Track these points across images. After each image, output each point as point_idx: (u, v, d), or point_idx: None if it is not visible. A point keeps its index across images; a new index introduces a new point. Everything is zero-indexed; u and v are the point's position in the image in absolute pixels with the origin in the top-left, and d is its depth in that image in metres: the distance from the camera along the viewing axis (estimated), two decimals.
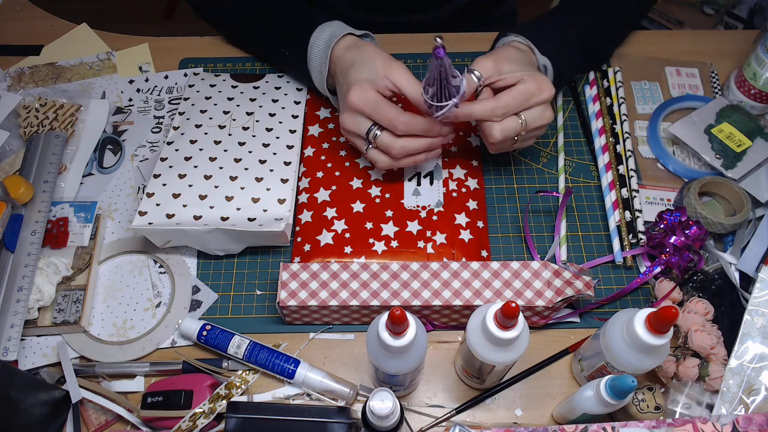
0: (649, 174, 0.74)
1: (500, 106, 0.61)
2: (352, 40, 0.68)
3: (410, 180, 0.71)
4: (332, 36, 0.67)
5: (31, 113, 0.77)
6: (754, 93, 0.76)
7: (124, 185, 0.75)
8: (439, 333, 0.65)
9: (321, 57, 0.68)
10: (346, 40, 0.67)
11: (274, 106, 0.76)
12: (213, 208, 0.66)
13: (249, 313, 0.67)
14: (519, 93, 0.61)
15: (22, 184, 0.68)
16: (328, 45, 0.67)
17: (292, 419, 0.56)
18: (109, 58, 0.85)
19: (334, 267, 0.62)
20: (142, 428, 0.60)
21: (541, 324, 0.64)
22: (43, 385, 0.59)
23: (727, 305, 0.63)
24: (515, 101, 0.61)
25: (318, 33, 0.68)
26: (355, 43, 0.67)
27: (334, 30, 0.68)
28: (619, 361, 0.52)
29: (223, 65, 0.85)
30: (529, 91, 0.61)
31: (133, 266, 0.69)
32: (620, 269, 0.69)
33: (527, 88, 0.61)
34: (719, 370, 0.58)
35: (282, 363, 0.61)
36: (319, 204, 0.69)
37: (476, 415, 0.61)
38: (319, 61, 0.68)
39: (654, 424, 0.53)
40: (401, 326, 0.47)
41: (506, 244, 0.70)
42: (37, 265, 0.65)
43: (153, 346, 0.64)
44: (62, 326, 0.64)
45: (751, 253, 0.66)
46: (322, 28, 0.68)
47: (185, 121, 0.74)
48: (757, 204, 0.70)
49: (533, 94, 0.61)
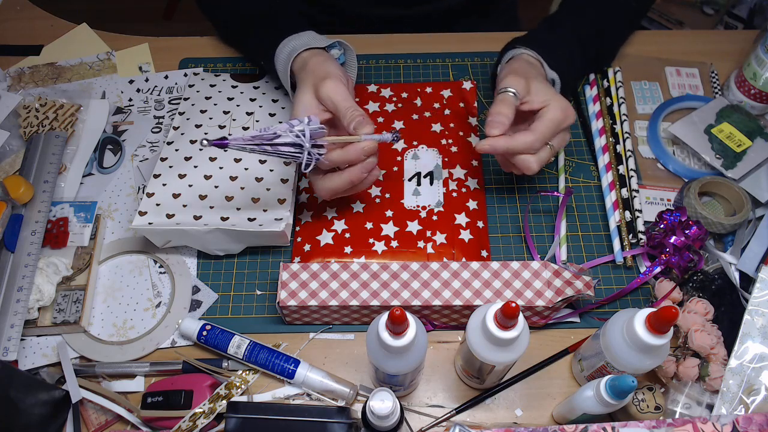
0: (649, 174, 0.74)
1: (538, 139, 0.61)
2: (304, 57, 0.66)
3: (410, 180, 0.71)
4: (291, 53, 0.67)
5: (31, 113, 0.77)
6: (754, 93, 0.76)
7: (124, 185, 0.75)
8: (439, 333, 0.65)
9: (284, 72, 0.68)
10: (300, 58, 0.66)
11: (274, 106, 0.76)
12: (213, 208, 0.66)
13: (249, 313, 0.67)
14: (551, 122, 0.62)
15: (22, 184, 0.68)
16: (288, 60, 0.67)
17: (292, 419, 0.56)
18: (109, 58, 0.85)
19: (334, 267, 0.62)
20: (142, 428, 0.60)
21: (541, 324, 0.64)
22: (43, 385, 0.59)
23: (727, 305, 0.63)
24: (549, 131, 0.62)
25: (281, 48, 0.68)
26: (305, 61, 0.66)
27: (294, 46, 0.67)
28: (619, 361, 0.52)
29: (223, 65, 0.85)
30: (558, 118, 0.62)
31: (133, 266, 0.69)
32: (620, 269, 0.69)
33: (556, 115, 0.62)
34: (719, 370, 0.58)
35: (282, 363, 0.61)
36: (319, 204, 0.69)
37: (476, 415, 0.61)
38: (283, 74, 0.68)
39: (654, 424, 0.53)
40: (401, 326, 0.47)
41: (506, 244, 0.70)
42: (37, 265, 0.65)
43: (153, 346, 0.64)
44: (62, 326, 0.64)
45: (751, 253, 0.66)
46: (285, 44, 0.68)
47: (185, 121, 0.74)
48: (757, 204, 0.70)
49: (561, 121, 0.62)
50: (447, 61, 0.85)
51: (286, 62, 0.67)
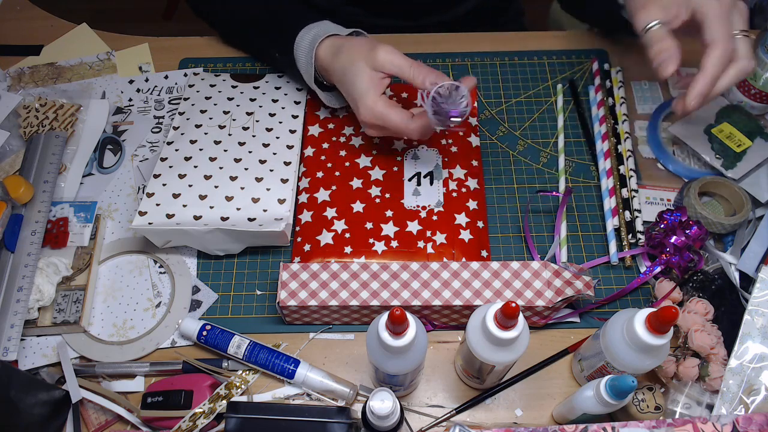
0: (649, 174, 0.74)
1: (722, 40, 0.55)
2: (334, 42, 0.67)
3: (410, 180, 0.71)
4: (315, 39, 0.67)
5: (31, 113, 0.77)
6: (754, 93, 0.76)
7: (124, 185, 0.75)
8: (439, 333, 0.65)
9: (306, 60, 0.68)
10: (326, 44, 0.67)
11: (274, 106, 0.76)
12: (213, 208, 0.66)
13: (249, 313, 0.67)
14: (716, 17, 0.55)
15: (22, 184, 0.68)
16: (311, 47, 0.67)
17: (292, 419, 0.56)
18: (109, 58, 0.85)
19: (334, 267, 0.62)
20: (142, 428, 0.60)
21: (541, 324, 0.64)
22: (43, 385, 0.59)
23: (727, 305, 0.63)
24: (722, 25, 0.55)
25: (302, 36, 0.68)
26: (337, 46, 0.66)
27: (317, 32, 0.68)
28: (619, 361, 0.52)
29: (223, 65, 0.85)
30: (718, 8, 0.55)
31: (133, 266, 0.69)
32: (620, 269, 0.69)
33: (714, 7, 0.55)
34: (719, 370, 0.58)
35: (282, 363, 0.61)
36: (319, 204, 0.69)
37: (476, 415, 0.61)
38: (305, 63, 0.69)
39: (654, 424, 0.53)
40: (401, 326, 0.47)
41: (506, 244, 0.70)
42: (37, 265, 0.65)
43: (153, 346, 0.64)
44: (62, 326, 0.64)
45: (751, 253, 0.66)
46: (306, 31, 0.68)
47: (185, 121, 0.74)
48: (757, 204, 0.70)
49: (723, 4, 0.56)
50: (447, 61, 0.85)
51: (309, 49, 0.67)
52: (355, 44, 0.65)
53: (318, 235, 0.67)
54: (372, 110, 0.64)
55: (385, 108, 0.63)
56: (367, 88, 0.63)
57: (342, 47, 0.66)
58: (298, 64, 0.69)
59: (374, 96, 0.63)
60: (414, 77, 0.62)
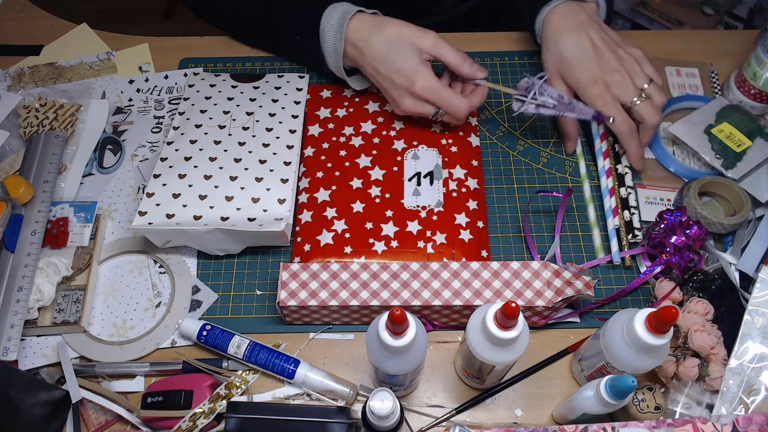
0: (649, 174, 0.74)
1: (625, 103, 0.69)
2: (369, 18, 0.68)
3: (410, 180, 0.71)
4: (344, 14, 0.68)
5: (31, 113, 0.77)
6: (754, 93, 0.76)
7: (124, 185, 0.75)
8: (439, 333, 0.65)
9: (335, 37, 0.68)
10: (359, 18, 0.68)
11: (274, 106, 0.76)
12: (213, 208, 0.66)
13: (249, 313, 0.67)
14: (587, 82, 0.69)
15: (22, 184, 0.68)
16: (341, 23, 0.67)
17: (292, 419, 0.56)
18: (109, 58, 0.85)
19: (334, 267, 0.62)
20: (142, 428, 0.60)
21: (541, 324, 0.64)
22: (43, 385, 0.59)
23: (727, 305, 0.63)
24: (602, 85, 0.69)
25: (329, 13, 0.69)
26: (377, 22, 0.67)
27: (346, 8, 0.68)
28: (619, 361, 0.52)
29: (223, 65, 0.85)
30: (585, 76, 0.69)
31: (133, 266, 0.69)
32: (620, 269, 0.69)
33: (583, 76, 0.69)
34: (719, 370, 0.58)
35: (282, 363, 0.61)
36: (319, 204, 0.69)
37: (476, 415, 0.61)
38: (333, 41, 0.69)
39: (654, 424, 0.53)
40: (401, 326, 0.47)
41: (506, 244, 0.70)
42: (37, 265, 0.65)
43: (153, 346, 0.64)
44: (62, 326, 0.64)
45: (751, 253, 0.66)
46: (333, 8, 0.69)
47: (185, 121, 0.74)
48: (757, 204, 0.70)
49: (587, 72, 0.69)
50: None
51: (339, 25, 0.68)
52: (400, 22, 0.67)
53: (318, 235, 0.67)
54: (430, 82, 0.66)
55: (439, 82, 0.67)
56: (420, 62, 0.66)
57: (384, 23, 0.67)
58: (323, 44, 0.70)
59: (430, 70, 0.66)
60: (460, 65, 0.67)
